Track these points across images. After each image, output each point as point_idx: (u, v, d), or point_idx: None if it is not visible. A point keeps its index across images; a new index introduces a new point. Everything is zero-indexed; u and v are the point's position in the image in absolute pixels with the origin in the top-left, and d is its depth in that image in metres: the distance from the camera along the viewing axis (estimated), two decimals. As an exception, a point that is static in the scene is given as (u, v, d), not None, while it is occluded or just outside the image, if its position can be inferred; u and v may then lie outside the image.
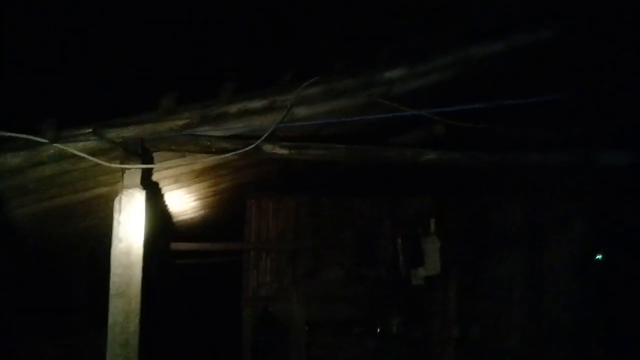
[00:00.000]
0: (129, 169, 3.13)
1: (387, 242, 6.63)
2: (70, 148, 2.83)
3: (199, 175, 4.78)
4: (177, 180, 4.77)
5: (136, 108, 3.18)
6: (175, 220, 6.47)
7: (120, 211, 3.28)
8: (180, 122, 3.27)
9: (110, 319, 3.19)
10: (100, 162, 2.95)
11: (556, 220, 5.43)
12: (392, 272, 6.59)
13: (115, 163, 3.20)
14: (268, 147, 3.50)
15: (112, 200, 3.33)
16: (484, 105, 3.16)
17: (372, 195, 7.10)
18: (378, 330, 6.86)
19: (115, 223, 3.30)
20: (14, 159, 2.93)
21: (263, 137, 3.36)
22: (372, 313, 6.86)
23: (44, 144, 2.84)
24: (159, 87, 3.26)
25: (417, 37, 4.35)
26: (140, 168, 3.15)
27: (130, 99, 3.35)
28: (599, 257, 4.97)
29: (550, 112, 4.97)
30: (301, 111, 3.82)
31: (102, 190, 3.94)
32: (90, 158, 2.93)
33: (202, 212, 6.52)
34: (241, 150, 3.34)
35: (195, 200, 5.85)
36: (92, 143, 3.04)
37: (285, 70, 3.55)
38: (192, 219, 6.75)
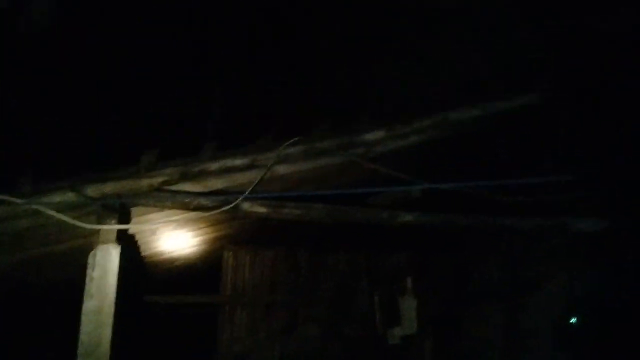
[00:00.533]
0: (104, 228, 3.10)
1: (364, 300, 6.58)
2: (44, 208, 2.80)
3: (177, 227, 4.75)
4: (155, 233, 4.73)
5: (116, 163, 3.18)
6: (152, 271, 6.36)
7: (94, 267, 3.23)
8: (160, 179, 3.27)
9: (77, 380, 3.10)
10: (76, 223, 2.91)
11: (533, 282, 5.46)
12: (368, 331, 6.51)
13: (92, 217, 3.18)
14: (246, 206, 3.52)
15: (87, 254, 3.28)
16: (464, 185, 3.21)
17: (351, 250, 7.08)
18: (354, 389, 6.71)
19: (87, 279, 3.24)
20: (-11, 213, 2.90)
21: (242, 197, 3.38)
22: (347, 372, 6.72)
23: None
24: (140, 142, 3.28)
25: (399, 97, 4.49)
26: (115, 228, 3.11)
27: (111, 153, 3.36)
28: (573, 320, 4.98)
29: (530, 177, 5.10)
30: (281, 169, 3.86)
31: (78, 242, 3.88)
32: (65, 219, 2.89)
33: (179, 263, 6.42)
34: (219, 210, 3.34)
35: (172, 252, 5.78)
36: (69, 198, 3.03)
37: (267, 129, 3.61)
38: (169, 270, 6.64)
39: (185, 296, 6.96)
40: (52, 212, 2.82)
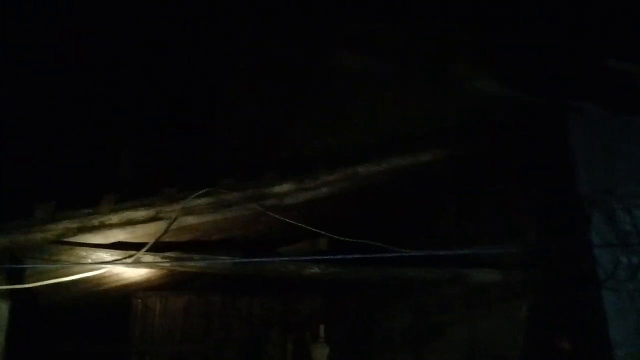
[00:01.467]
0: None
1: (277, 347, 6.53)
2: None
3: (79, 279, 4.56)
4: (54, 285, 4.51)
5: (8, 215, 3.05)
6: (54, 321, 6.02)
7: (-20, 324, 3.06)
8: (56, 232, 3.17)
9: None
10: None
11: (437, 329, 5.64)
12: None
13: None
14: (149, 259, 3.46)
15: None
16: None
17: (264, 296, 7.05)
18: None
19: (-28, 337, 3.05)
20: None
21: (143, 250, 3.32)
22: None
23: None
24: (36, 194, 3.17)
25: (310, 151, 4.60)
26: (2, 288, 2.97)
27: (2, 205, 3.22)
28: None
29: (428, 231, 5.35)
30: (189, 220, 3.84)
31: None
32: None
33: (82, 312, 6.13)
34: (119, 263, 3.26)
35: (76, 300, 5.51)
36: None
37: (172, 181, 3.59)
38: (73, 320, 6.31)
39: (91, 345, 6.62)
40: None
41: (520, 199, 4.73)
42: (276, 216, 3.88)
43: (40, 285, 3.22)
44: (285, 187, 3.98)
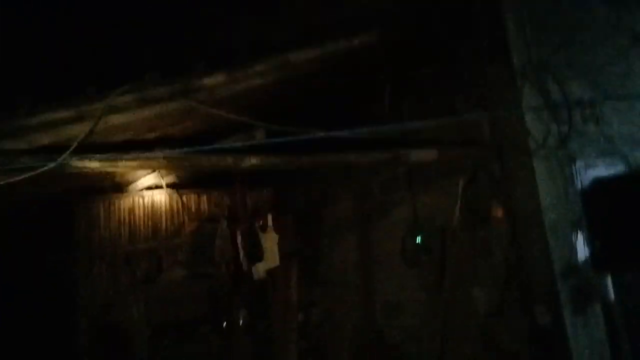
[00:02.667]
0: None
1: (227, 239, 6.64)
2: None
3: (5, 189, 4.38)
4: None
5: None
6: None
7: None
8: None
9: None
10: None
11: (381, 209, 5.85)
12: (234, 269, 6.63)
13: None
14: (76, 161, 3.31)
15: None
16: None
17: (211, 191, 7.06)
18: (224, 325, 6.89)
19: None
20: None
21: (66, 153, 3.16)
22: (217, 310, 6.87)
23: None
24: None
25: (239, 42, 4.39)
26: None
27: None
28: (418, 239, 5.43)
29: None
30: (115, 119, 3.66)
31: None
32: None
33: (20, 223, 5.98)
34: (44, 169, 3.11)
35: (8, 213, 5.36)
36: None
37: (94, 80, 3.37)
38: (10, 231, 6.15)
39: (35, 255, 6.55)
40: None
41: (455, 77, 4.74)
42: (208, 109, 3.75)
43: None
44: (215, 79, 3.80)
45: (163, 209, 6.89)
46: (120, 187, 6.75)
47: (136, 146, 3.91)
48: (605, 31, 4.86)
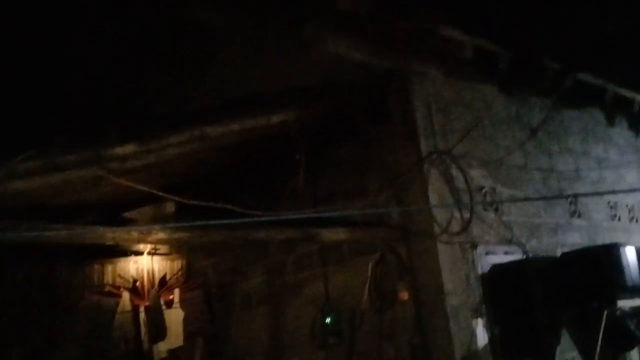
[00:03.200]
0: None
1: (128, 315, 6.28)
2: None
3: None
4: None
5: None
6: None
7: None
8: None
9: None
10: None
11: (293, 288, 5.79)
12: (135, 347, 6.24)
13: None
14: (-35, 229, 3.06)
15: None
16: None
17: (116, 260, 6.72)
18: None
19: None
20: None
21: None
22: (113, 391, 6.36)
23: None
24: None
25: (156, 112, 4.36)
26: None
27: None
28: (327, 320, 5.39)
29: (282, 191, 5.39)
30: (19, 185, 3.48)
31: None
32: None
33: None
34: None
35: None
36: None
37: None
38: None
39: None
40: None
41: (368, 159, 4.94)
42: (117, 179, 3.65)
43: None
44: (127, 149, 3.75)
45: (62, 280, 6.44)
46: (16, 253, 6.29)
47: (39, 214, 3.71)
48: (505, 124, 5.31)
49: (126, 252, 6.65)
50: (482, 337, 4.11)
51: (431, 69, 4.80)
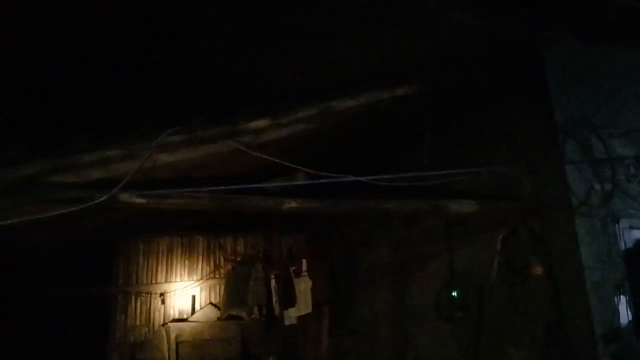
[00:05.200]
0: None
1: (261, 282, 6.66)
2: None
3: (57, 219, 4.54)
4: (31, 225, 4.49)
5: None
6: (33, 263, 6.05)
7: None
8: (29, 171, 3.12)
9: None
10: None
11: (416, 261, 5.78)
12: (266, 312, 6.62)
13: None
14: (125, 197, 3.43)
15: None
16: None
17: (247, 234, 7.14)
18: (253, 370, 6.83)
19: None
20: None
21: (116, 189, 3.29)
22: (246, 353, 6.82)
23: None
24: (7, 135, 3.11)
25: (284, 88, 4.52)
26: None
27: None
28: (454, 294, 5.33)
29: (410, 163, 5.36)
30: (163, 158, 3.80)
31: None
32: None
33: (61, 255, 6.16)
34: (94, 202, 3.24)
35: (55, 244, 5.53)
36: None
37: (145, 119, 3.53)
38: (55, 263, 6.34)
39: (77, 289, 6.70)
40: None
41: (496, 130, 4.76)
42: (252, 152, 3.85)
43: (17, 225, 3.20)
44: (260, 124, 3.94)
45: (200, 249, 6.99)
46: (160, 226, 6.90)
47: (182, 186, 4.03)
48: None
49: (256, 226, 7.03)
50: (625, 315, 3.84)
51: (565, 34, 4.48)
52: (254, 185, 3.73)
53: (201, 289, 6.83)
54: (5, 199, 3.20)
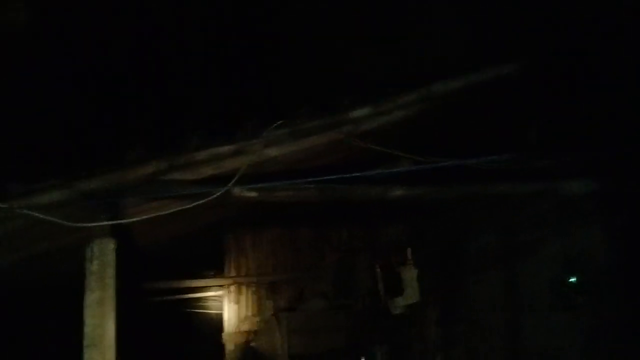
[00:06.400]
0: (91, 227, 3.16)
1: (366, 272, 6.68)
2: (30, 211, 2.85)
3: (174, 215, 4.81)
4: (151, 221, 4.79)
5: (103, 159, 3.24)
6: (153, 259, 6.46)
7: (91, 260, 3.32)
8: (147, 171, 3.32)
9: (86, 370, 3.19)
10: (63, 223, 2.97)
11: (529, 246, 5.53)
12: (372, 302, 6.63)
13: (83, 214, 3.24)
14: (237, 191, 3.56)
15: (84, 248, 3.36)
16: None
17: (351, 225, 7.18)
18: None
19: (87, 272, 3.32)
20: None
21: (231, 183, 3.42)
22: (355, 343, 6.87)
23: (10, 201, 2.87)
24: (126, 137, 3.32)
25: (381, 75, 4.49)
26: (105, 224, 3.18)
27: (97, 149, 3.41)
28: (572, 279, 5.05)
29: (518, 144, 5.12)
30: (271, 152, 3.90)
31: (74, 237, 3.95)
32: (53, 219, 2.95)
33: (178, 249, 6.53)
34: (210, 197, 3.39)
35: (170, 239, 5.86)
36: (58, 196, 3.09)
37: (250, 116, 3.64)
38: (171, 256, 6.75)
39: (191, 280, 7.10)
40: (39, 214, 2.88)
41: (614, 105, 4.41)
42: (355, 141, 3.86)
43: (139, 222, 3.42)
44: (362, 112, 3.92)
45: (305, 240, 7.13)
46: (266, 219, 7.12)
47: (287, 179, 4.11)
48: None
49: (360, 216, 7.05)
50: None
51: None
52: (359, 174, 3.74)
53: (308, 280, 6.96)
54: (130, 198, 3.43)
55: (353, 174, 3.62)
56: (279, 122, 3.66)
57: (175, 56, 3.71)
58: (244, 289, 6.93)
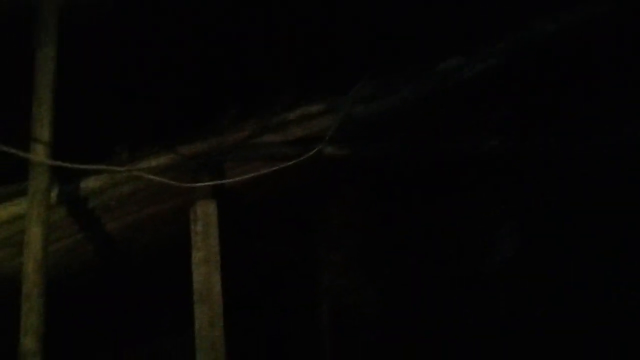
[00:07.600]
0: (198, 186, 3.30)
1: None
2: (142, 173, 3.02)
3: (270, 178, 4.91)
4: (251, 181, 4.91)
5: (202, 123, 3.37)
6: (253, 220, 6.62)
7: (196, 222, 3.49)
8: (243, 134, 3.42)
9: (196, 324, 3.40)
10: (171, 183, 3.12)
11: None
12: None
13: (187, 176, 3.40)
14: (329, 150, 3.58)
15: (188, 211, 3.54)
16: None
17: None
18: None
19: (192, 233, 3.50)
20: (96, 182, 3.22)
21: (325, 139, 3.44)
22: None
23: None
24: (221, 101, 3.44)
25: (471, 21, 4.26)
26: (208, 184, 3.32)
27: (195, 115, 3.56)
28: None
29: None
30: (359, 110, 3.87)
31: (180, 199, 4.15)
32: (163, 180, 3.11)
33: (276, 211, 6.66)
34: (304, 156, 3.43)
35: (270, 201, 5.98)
36: (164, 160, 3.26)
37: (339, 73, 3.63)
38: (268, 220, 6.87)
39: (284, 247, 7.23)
40: (150, 176, 3.05)
41: None
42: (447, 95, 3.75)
43: (238, 182, 3.52)
44: (454, 62, 3.79)
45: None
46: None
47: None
48: None
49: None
50: None
51: None
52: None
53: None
54: (226, 161, 3.55)
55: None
56: (365, 79, 3.62)
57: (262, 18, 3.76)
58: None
